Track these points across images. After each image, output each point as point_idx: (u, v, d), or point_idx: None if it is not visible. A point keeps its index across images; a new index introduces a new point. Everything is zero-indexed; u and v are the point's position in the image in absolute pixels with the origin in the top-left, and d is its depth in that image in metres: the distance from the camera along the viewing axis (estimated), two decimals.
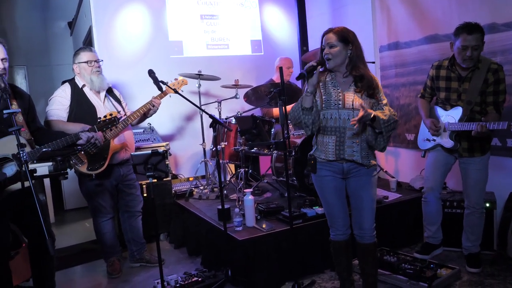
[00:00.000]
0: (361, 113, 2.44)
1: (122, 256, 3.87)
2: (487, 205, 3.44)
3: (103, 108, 3.53)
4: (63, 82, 3.58)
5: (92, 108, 3.47)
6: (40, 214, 2.18)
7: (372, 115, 2.46)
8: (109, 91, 3.70)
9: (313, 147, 2.75)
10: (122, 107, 3.72)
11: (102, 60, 3.60)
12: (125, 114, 3.65)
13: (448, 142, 3.26)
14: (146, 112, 3.65)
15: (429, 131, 3.36)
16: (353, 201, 2.72)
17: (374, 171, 2.70)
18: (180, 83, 3.88)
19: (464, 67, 3.15)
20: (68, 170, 2.89)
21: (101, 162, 3.39)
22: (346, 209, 2.75)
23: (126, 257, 3.94)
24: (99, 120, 3.02)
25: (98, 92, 3.56)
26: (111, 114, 3.10)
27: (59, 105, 3.40)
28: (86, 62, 3.46)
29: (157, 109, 3.69)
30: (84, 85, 3.51)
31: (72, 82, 3.52)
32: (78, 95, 3.47)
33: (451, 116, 3.24)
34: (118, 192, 3.73)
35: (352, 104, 2.55)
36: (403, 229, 3.81)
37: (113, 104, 3.64)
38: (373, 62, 4.83)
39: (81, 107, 3.44)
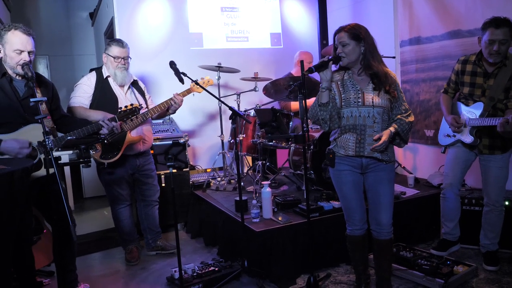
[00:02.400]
0: (379, 142, 2.52)
1: (140, 244, 3.93)
2: (507, 203, 3.41)
3: (125, 99, 3.59)
4: (91, 70, 3.67)
5: (114, 99, 3.54)
6: (64, 201, 2.24)
7: (387, 140, 2.53)
8: (135, 84, 3.77)
9: (332, 143, 2.75)
10: (145, 100, 3.77)
11: (131, 58, 3.67)
12: (146, 108, 3.70)
13: (468, 138, 3.24)
14: (168, 107, 3.69)
15: (450, 127, 3.34)
16: (371, 196, 2.73)
17: (392, 166, 2.71)
18: (206, 83, 3.91)
19: (491, 63, 3.11)
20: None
21: (114, 152, 3.47)
22: (363, 203, 2.75)
23: (144, 246, 4.00)
24: (119, 110, 3.08)
25: (122, 84, 3.63)
26: (131, 104, 3.15)
27: (83, 92, 3.50)
28: (114, 57, 3.53)
29: (179, 106, 3.72)
30: (108, 76, 3.59)
31: (98, 71, 3.62)
32: (102, 84, 3.56)
33: (472, 111, 3.22)
34: (135, 181, 3.79)
35: (372, 102, 2.56)
36: (420, 225, 3.80)
37: (135, 97, 3.69)
38: (394, 57, 4.79)
39: (103, 96, 3.52)
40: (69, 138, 2.69)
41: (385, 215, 2.68)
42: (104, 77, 3.58)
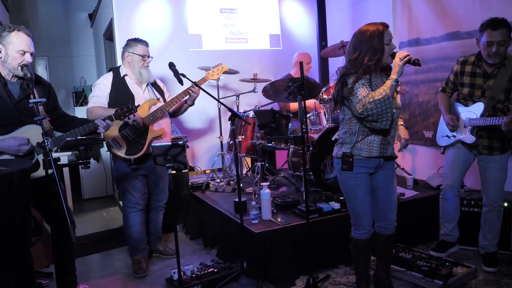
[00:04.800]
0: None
1: (148, 255, 3.77)
2: (505, 204, 3.41)
3: (142, 97, 3.57)
4: (110, 69, 3.68)
5: (130, 97, 3.50)
6: (64, 202, 2.24)
7: None
8: (153, 83, 3.74)
9: (344, 145, 2.66)
10: (164, 98, 3.72)
11: (152, 57, 3.67)
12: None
13: (469, 138, 3.24)
14: (187, 99, 3.64)
15: (447, 126, 3.35)
16: (381, 194, 2.74)
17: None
18: (220, 70, 3.86)
19: (490, 64, 3.12)
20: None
21: (139, 147, 3.44)
22: (372, 206, 2.75)
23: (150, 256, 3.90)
24: (116, 109, 3.02)
25: (140, 83, 3.61)
26: (129, 103, 3.11)
27: (100, 92, 3.49)
28: (141, 55, 3.53)
29: (197, 95, 3.63)
30: (126, 75, 3.57)
31: (116, 70, 3.61)
32: (118, 83, 3.54)
33: (472, 111, 3.22)
34: (147, 184, 3.70)
35: (395, 103, 2.60)
36: (419, 226, 3.80)
37: (154, 94, 3.67)
38: None
39: (120, 95, 3.49)
40: (68, 139, 2.68)
41: (394, 210, 2.77)
42: (122, 75, 3.56)
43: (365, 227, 2.73)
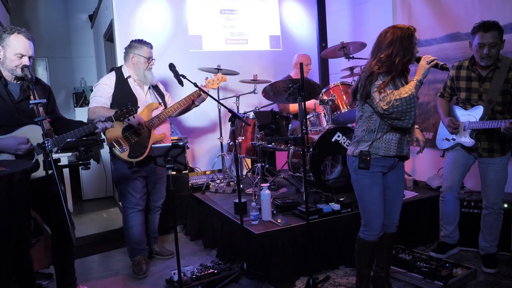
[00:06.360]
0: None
1: (147, 255, 3.76)
2: (505, 206, 3.41)
3: (144, 99, 3.58)
4: (111, 70, 3.65)
5: (133, 99, 3.50)
6: (63, 203, 2.24)
7: None
8: (154, 86, 3.74)
9: (362, 143, 2.64)
10: (164, 101, 3.73)
11: (155, 59, 3.67)
12: (164, 108, 3.66)
13: (469, 141, 3.25)
14: (194, 100, 3.68)
15: (447, 129, 3.36)
16: (389, 193, 2.75)
17: None
18: (220, 79, 3.89)
19: (484, 67, 3.14)
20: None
21: (142, 150, 3.44)
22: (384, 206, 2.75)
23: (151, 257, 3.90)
24: (116, 110, 3.01)
25: (143, 85, 3.62)
26: (129, 105, 3.10)
27: (103, 92, 3.47)
28: (147, 58, 3.53)
29: (204, 99, 3.71)
30: (129, 76, 3.56)
31: (118, 70, 3.59)
32: (122, 84, 3.53)
33: (471, 115, 3.23)
34: (146, 184, 3.70)
35: None
36: (419, 227, 3.79)
37: (156, 97, 3.67)
38: None
39: (123, 96, 3.47)
40: (68, 140, 2.67)
41: (399, 210, 2.81)
42: (125, 77, 3.55)
43: (376, 229, 2.71)
